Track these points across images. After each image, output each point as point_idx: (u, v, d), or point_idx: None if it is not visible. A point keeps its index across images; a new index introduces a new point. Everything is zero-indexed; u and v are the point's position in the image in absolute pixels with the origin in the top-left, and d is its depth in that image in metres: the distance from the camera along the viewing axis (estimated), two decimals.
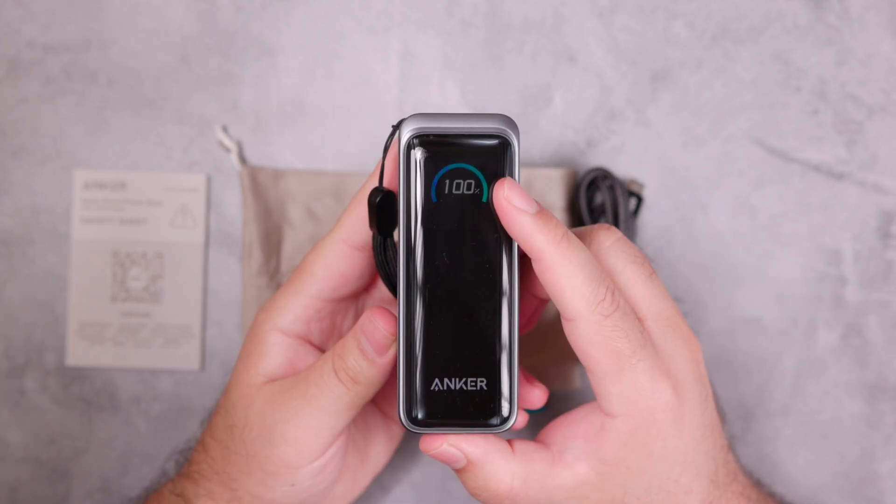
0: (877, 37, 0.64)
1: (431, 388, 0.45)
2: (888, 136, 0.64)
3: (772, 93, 0.64)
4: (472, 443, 0.45)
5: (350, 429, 0.53)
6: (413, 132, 0.44)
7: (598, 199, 0.63)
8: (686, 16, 0.64)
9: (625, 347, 0.44)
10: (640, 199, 0.63)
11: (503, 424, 0.45)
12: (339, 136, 0.64)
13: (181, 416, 0.63)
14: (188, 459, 0.53)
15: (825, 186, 0.64)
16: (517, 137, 0.44)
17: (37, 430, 0.63)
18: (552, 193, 0.62)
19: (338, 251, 0.49)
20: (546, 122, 0.64)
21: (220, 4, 0.64)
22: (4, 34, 0.64)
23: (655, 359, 0.45)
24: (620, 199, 0.62)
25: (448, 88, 0.64)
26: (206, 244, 0.64)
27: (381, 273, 0.47)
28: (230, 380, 0.52)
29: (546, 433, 0.48)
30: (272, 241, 0.63)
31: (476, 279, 0.44)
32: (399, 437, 0.57)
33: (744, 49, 0.64)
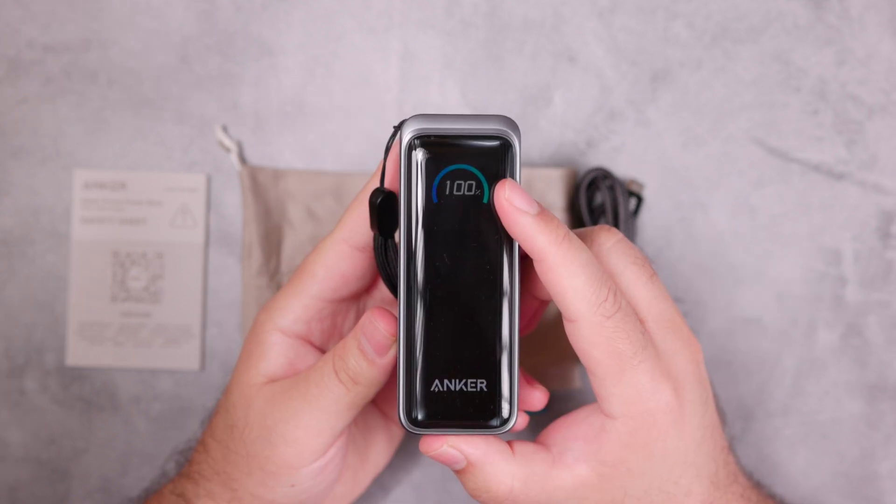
0: (877, 37, 0.64)
1: (431, 389, 0.45)
2: (888, 136, 0.64)
3: (772, 93, 0.64)
4: (472, 444, 0.45)
5: (350, 429, 0.53)
6: (414, 133, 0.44)
7: (598, 200, 0.63)
8: (686, 16, 0.64)
9: (626, 348, 0.44)
10: (640, 199, 0.63)
11: (503, 426, 0.45)
12: (339, 136, 0.64)
13: (181, 417, 0.63)
14: (188, 460, 0.53)
15: (825, 186, 0.64)
16: (518, 139, 0.44)
17: (37, 430, 0.63)
18: (552, 193, 0.62)
19: (339, 252, 0.49)
20: (546, 122, 0.64)
21: (220, 4, 0.64)
22: (4, 34, 0.63)
23: (656, 360, 0.45)
24: (620, 200, 0.62)
25: (448, 88, 0.64)
26: (206, 244, 0.64)
27: (382, 274, 0.47)
28: (230, 380, 0.52)
29: (546, 434, 0.48)
30: (272, 241, 0.63)
31: (477, 280, 0.44)
32: (399, 438, 0.57)
33: (744, 49, 0.64)
